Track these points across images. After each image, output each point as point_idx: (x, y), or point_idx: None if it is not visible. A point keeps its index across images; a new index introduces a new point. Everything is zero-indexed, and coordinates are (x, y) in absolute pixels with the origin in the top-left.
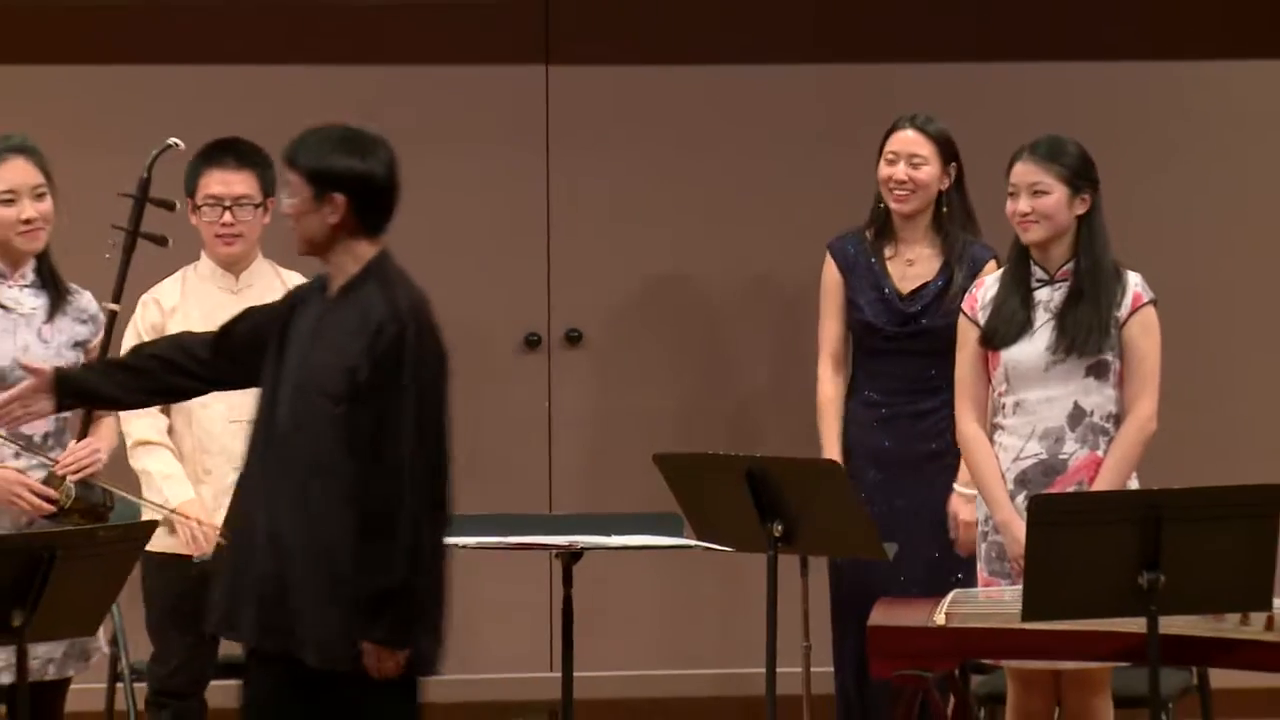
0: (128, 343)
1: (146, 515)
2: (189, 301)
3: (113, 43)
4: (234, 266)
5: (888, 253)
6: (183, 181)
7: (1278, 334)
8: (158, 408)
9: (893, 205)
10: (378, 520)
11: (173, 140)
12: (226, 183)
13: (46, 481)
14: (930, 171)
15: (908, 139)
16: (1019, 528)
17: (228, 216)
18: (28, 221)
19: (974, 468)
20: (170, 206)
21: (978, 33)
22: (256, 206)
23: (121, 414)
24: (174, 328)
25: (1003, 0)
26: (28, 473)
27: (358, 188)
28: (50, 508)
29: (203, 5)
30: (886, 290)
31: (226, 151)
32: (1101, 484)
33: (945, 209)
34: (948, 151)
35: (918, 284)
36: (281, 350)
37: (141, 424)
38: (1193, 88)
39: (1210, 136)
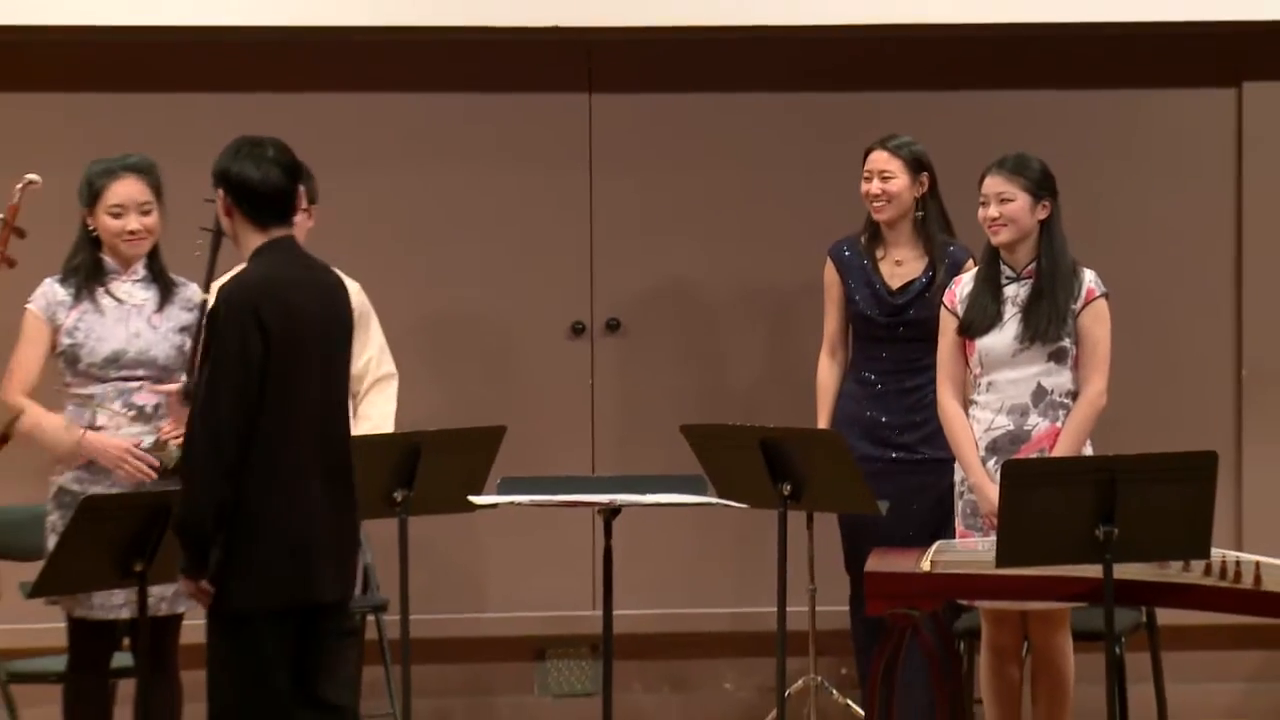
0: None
1: None
2: None
3: (198, 76)
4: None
5: (879, 254)
6: None
7: (1210, 325)
8: None
9: (873, 215)
10: (183, 471)
11: None
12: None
13: (154, 444)
14: (899, 184)
15: (879, 158)
16: (991, 489)
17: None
18: (132, 233)
19: (952, 437)
20: None
21: (953, 65)
22: (303, 211)
23: None
24: None
25: (972, 39)
26: (140, 438)
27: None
28: (150, 473)
29: (282, 39)
30: (878, 286)
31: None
32: (1060, 451)
33: (921, 215)
34: (915, 166)
35: (905, 281)
36: None
37: None
38: (1135, 112)
39: (1157, 154)
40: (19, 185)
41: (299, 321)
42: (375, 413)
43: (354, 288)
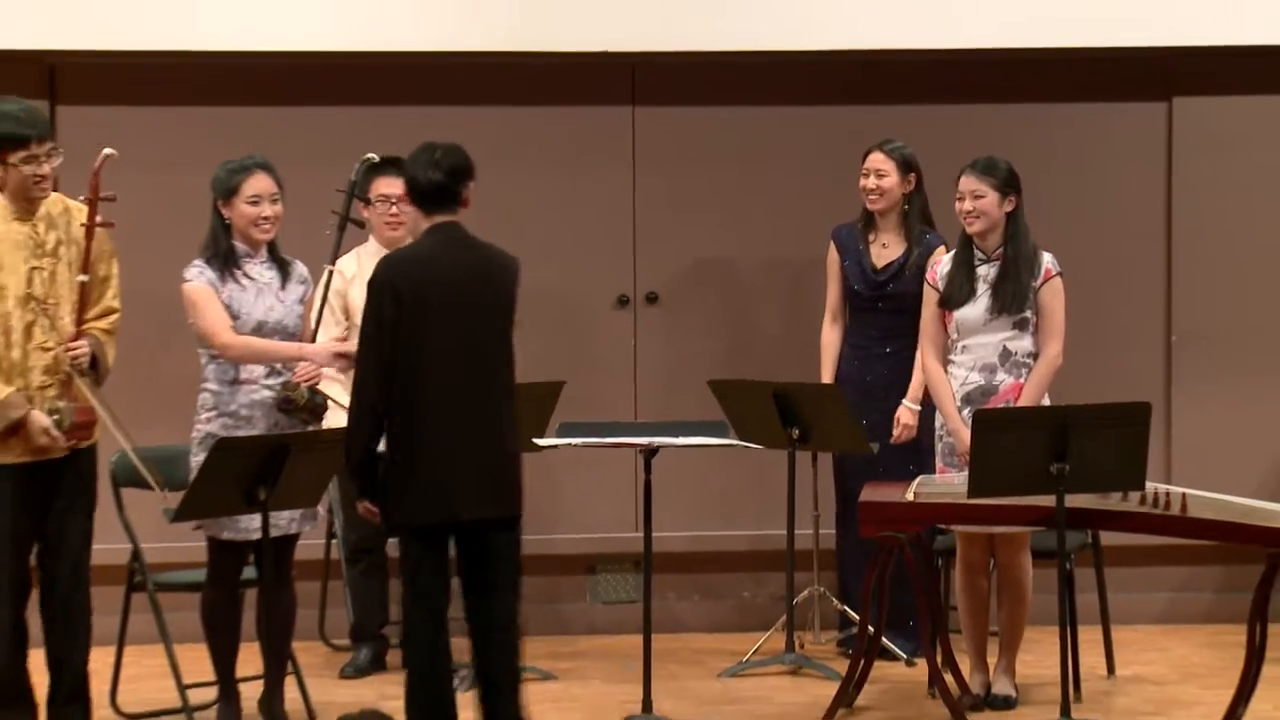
0: (316, 300)
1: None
2: (363, 272)
3: (314, 92)
4: (393, 246)
5: (870, 238)
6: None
7: (1145, 300)
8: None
9: (868, 206)
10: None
11: (370, 155)
12: (392, 186)
13: (285, 385)
14: (891, 181)
15: (876, 158)
16: (965, 433)
17: (394, 209)
18: (265, 219)
19: (934, 390)
20: (367, 201)
21: (927, 83)
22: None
23: None
24: (353, 292)
25: (942, 62)
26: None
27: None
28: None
29: (388, 63)
30: (865, 265)
31: (390, 165)
32: (1023, 402)
33: (907, 208)
34: (905, 166)
35: (887, 261)
36: None
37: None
38: (1082, 121)
39: (1101, 157)
40: (98, 159)
41: (434, 288)
42: None
43: None
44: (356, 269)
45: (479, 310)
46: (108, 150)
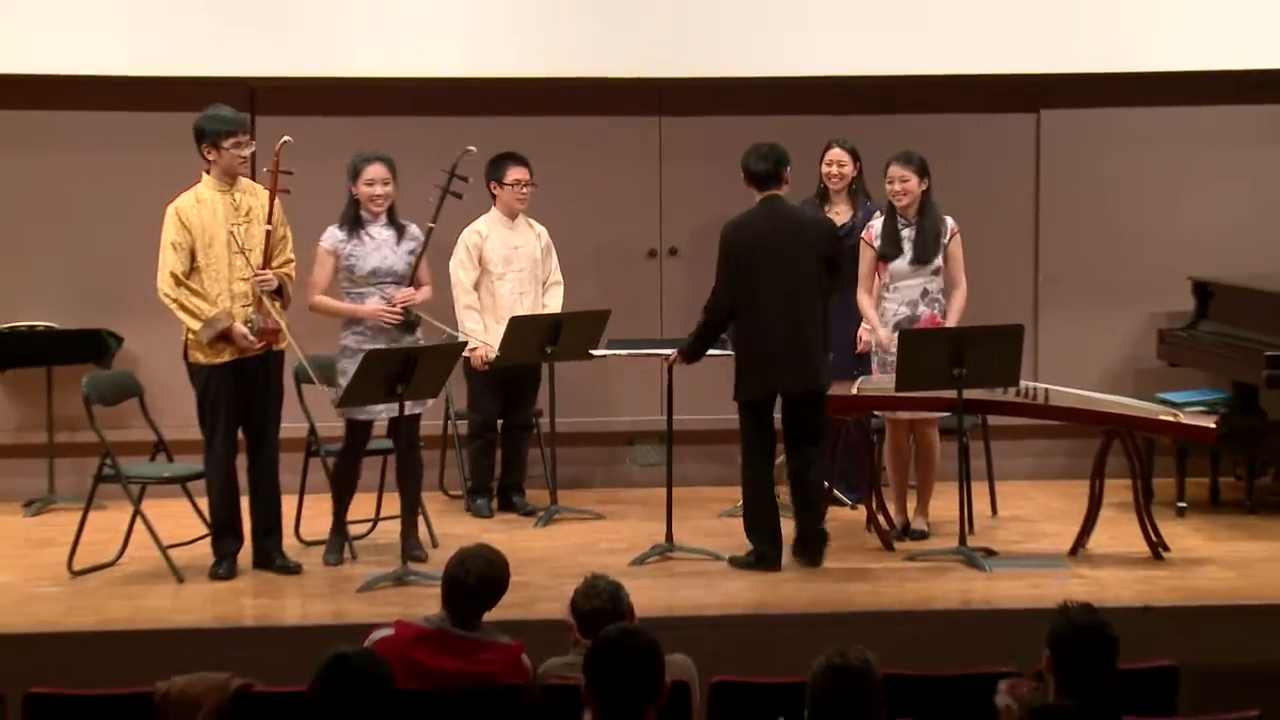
0: (459, 253)
1: (461, 338)
2: (491, 233)
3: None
4: (515, 216)
5: (826, 209)
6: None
7: (1020, 255)
8: (471, 281)
9: (829, 185)
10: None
11: (470, 148)
12: (522, 173)
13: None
14: (848, 168)
15: (836, 154)
16: (883, 334)
17: (524, 190)
18: (376, 196)
19: (865, 315)
20: (465, 179)
21: (870, 98)
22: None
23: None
24: (486, 247)
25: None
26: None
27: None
28: (399, 317)
29: (476, 86)
30: None
31: (518, 156)
32: (949, 324)
33: (854, 186)
34: (854, 155)
35: (840, 223)
36: None
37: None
38: (968, 128)
39: (985, 157)
40: (279, 144)
41: (757, 242)
42: (551, 301)
43: (542, 231)
44: (488, 231)
45: (792, 253)
46: (286, 138)
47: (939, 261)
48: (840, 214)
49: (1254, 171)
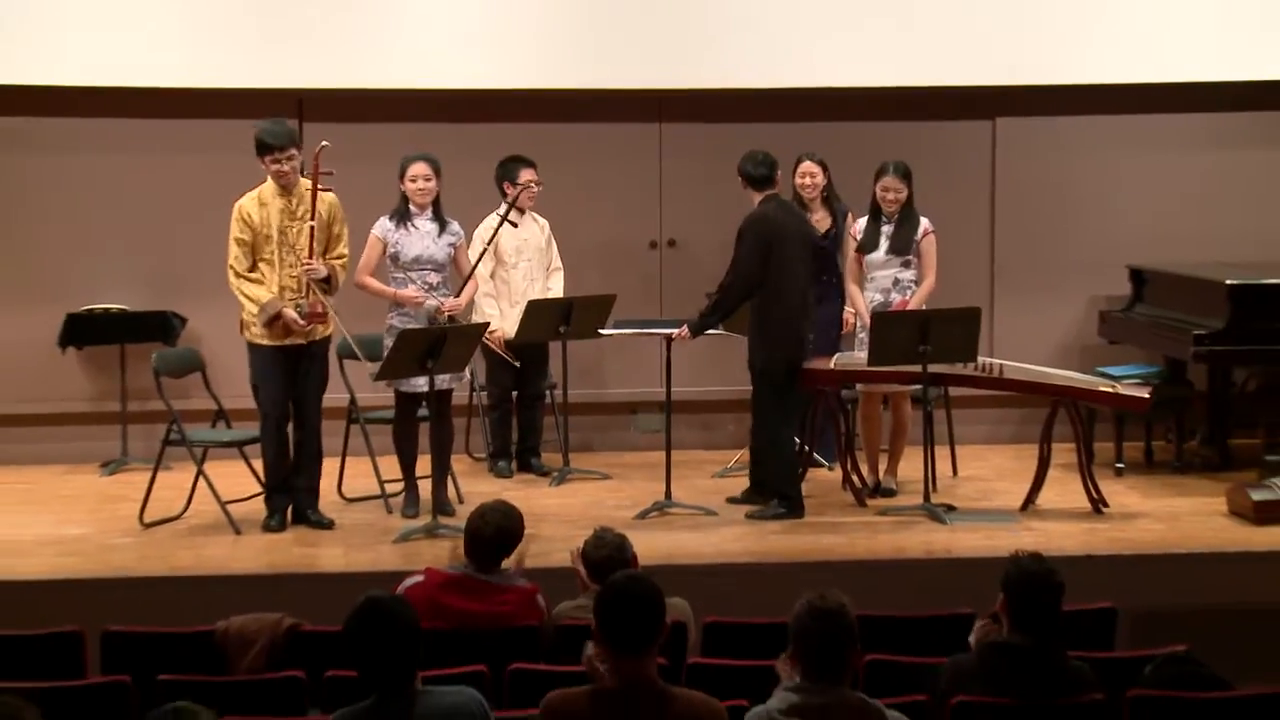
0: (476, 246)
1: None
2: (506, 229)
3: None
4: (524, 212)
5: (809, 214)
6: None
7: (978, 247)
8: (489, 271)
9: (804, 195)
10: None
11: (522, 182)
12: (532, 174)
13: (433, 309)
14: (819, 180)
15: (808, 166)
16: (866, 315)
17: (534, 189)
18: (420, 190)
19: (852, 299)
20: (522, 210)
21: (845, 108)
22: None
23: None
24: (502, 240)
25: (848, 95)
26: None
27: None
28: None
29: (500, 96)
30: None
31: (527, 159)
32: (911, 308)
33: (826, 194)
34: (823, 166)
35: (824, 227)
36: None
37: (485, 284)
38: (931, 134)
39: (945, 159)
40: (317, 147)
41: (784, 231)
42: (554, 286)
43: (545, 224)
44: (494, 224)
45: (802, 243)
46: (324, 142)
47: (911, 256)
48: (821, 221)
49: (1185, 172)
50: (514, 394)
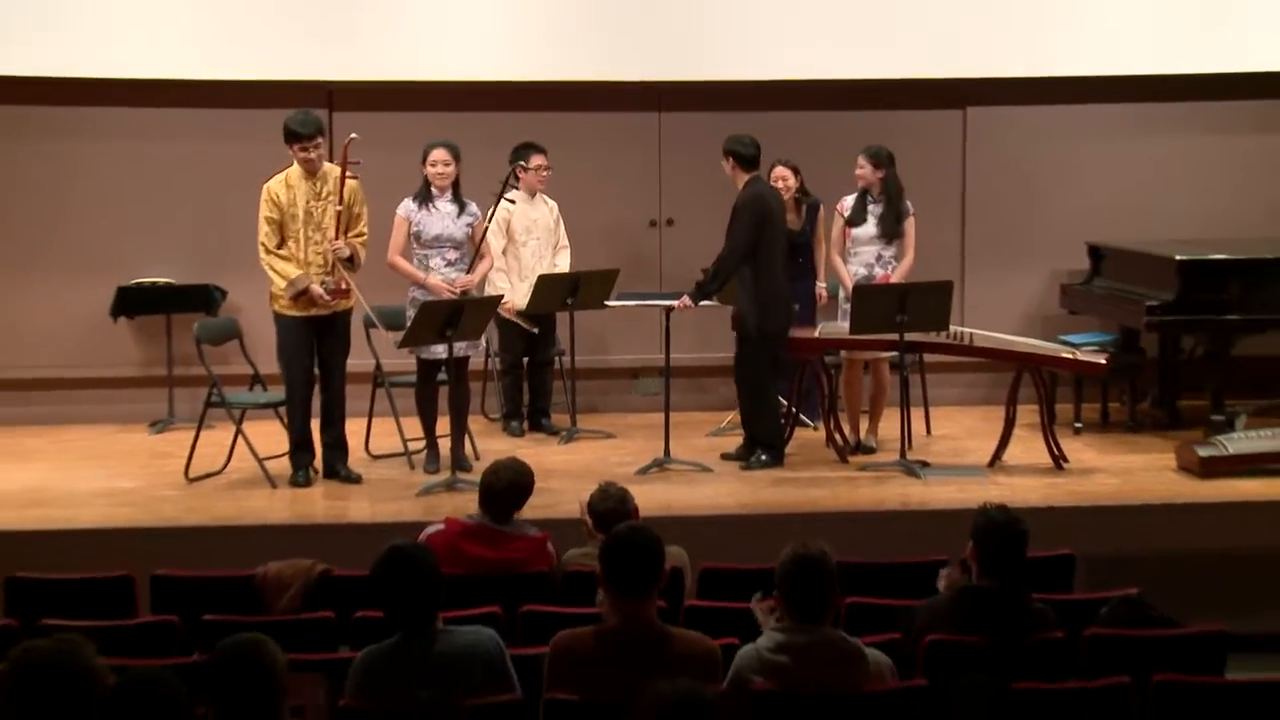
0: (495, 227)
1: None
2: (517, 208)
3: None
4: (534, 194)
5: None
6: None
7: (950, 232)
8: (501, 248)
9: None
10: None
11: (518, 169)
12: (542, 159)
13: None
14: (790, 183)
15: (780, 171)
16: (849, 284)
17: (544, 173)
18: (439, 174)
19: (837, 274)
20: (524, 168)
21: (827, 98)
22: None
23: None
24: (514, 219)
25: (830, 86)
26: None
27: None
28: (453, 294)
29: (514, 88)
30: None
31: (538, 146)
32: (894, 280)
33: (798, 196)
34: (796, 171)
35: (797, 226)
36: None
37: (499, 259)
38: (904, 122)
39: (919, 145)
40: (346, 140)
41: (772, 208)
42: (561, 262)
43: (554, 205)
44: (514, 207)
45: (782, 220)
46: (353, 135)
47: (895, 234)
48: (793, 223)
49: (1139, 158)
50: (525, 360)
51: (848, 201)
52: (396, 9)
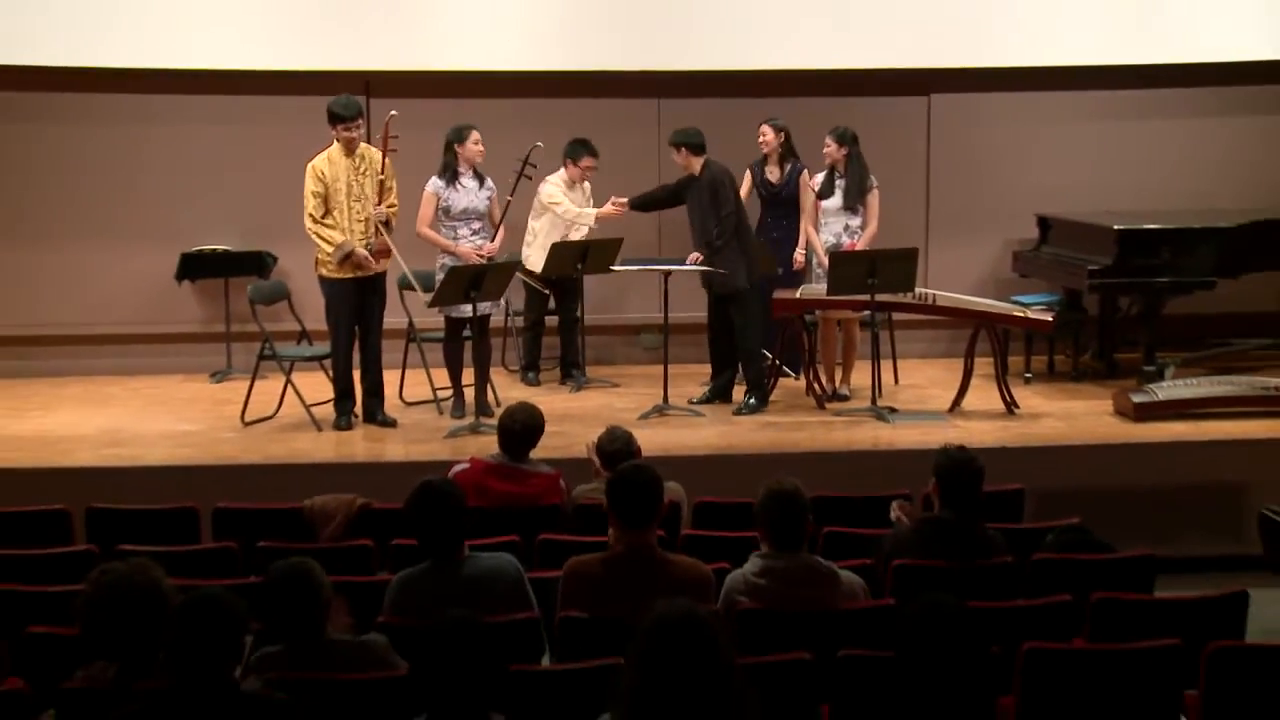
0: (559, 189)
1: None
2: (560, 191)
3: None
4: (579, 184)
5: (767, 166)
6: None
7: (914, 204)
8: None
9: (762, 150)
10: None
11: (538, 143)
12: (593, 161)
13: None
14: (769, 139)
15: (762, 129)
16: (821, 252)
17: (590, 171)
18: (480, 153)
19: (812, 243)
20: (534, 165)
21: (808, 86)
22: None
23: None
24: (550, 195)
25: (810, 75)
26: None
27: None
28: (480, 259)
29: (524, 78)
30: (763, 180)
31: (592, 148)
32: (859, 247)
33: (783, 152)
34: (777, 130)
35: (775, 178)
36: None
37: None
38: (873, 108)
39: (887, 132)
40: (387, 116)
41: (733, 179)
42: (573, 234)
43: (588, 190)
44: (562, 187)
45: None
46: (393, 111)
47: (859, 205)
48: (772, 173)
49: (1083, 139)
50: (545, 318)
51: (818, 178)
52: (427, 8)
